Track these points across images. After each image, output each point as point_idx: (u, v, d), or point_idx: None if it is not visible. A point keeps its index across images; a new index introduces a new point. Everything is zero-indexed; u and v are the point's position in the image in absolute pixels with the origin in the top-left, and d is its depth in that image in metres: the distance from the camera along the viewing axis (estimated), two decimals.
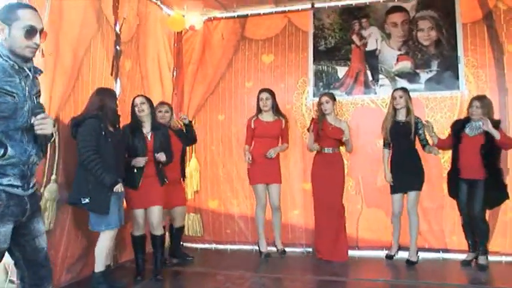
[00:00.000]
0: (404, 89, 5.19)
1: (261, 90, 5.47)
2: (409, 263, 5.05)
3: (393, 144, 5.15)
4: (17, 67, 2.36)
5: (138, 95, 4.67)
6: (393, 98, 5.14)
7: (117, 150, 4.00)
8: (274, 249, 5.53)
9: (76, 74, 4.34)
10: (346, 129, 5.26)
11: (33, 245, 2.49)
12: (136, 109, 4.49)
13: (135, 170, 4.34)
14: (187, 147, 5.59)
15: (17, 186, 2.35)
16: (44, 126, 2.35)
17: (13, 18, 2.33)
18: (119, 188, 3.88)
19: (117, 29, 5.01)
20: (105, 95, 4.03)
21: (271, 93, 5.45)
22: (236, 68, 6.24)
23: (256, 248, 5.61)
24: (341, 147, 5.38)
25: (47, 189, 3.98)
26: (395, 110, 5.13)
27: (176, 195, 5.08)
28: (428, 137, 5.06)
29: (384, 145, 5.26)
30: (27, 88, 2.39)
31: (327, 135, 5.22)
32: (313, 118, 5.48)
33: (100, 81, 4.67)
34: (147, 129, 4.52)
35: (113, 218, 3.94)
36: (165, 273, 4.70)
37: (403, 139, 5.04)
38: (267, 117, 5.43)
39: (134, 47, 5.41)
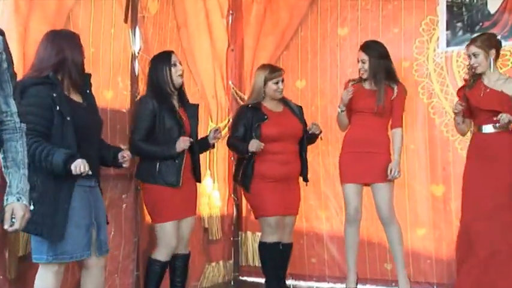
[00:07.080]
0: None
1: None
2: None
3: None
4: None
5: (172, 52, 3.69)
6: None
7: (86, 131, 2.80)
8: None
9: (63, 22, 3.49)
10: None
11: None
12: (173, 71, 3.49)
13: (176, 160, 3.41)
14: None
15: None
16: None
17: None
18: (80, 166, 2.55)
19: None
20: (62, 41, 2.85)
21: (370, 51, 3.89)
22: (323, 7, 4.63)
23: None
24: None
25: None
26: None
27: (293, 197, 3.87)
28: None
29: None
30: None
31: (477, 106, 3.55)
32: (465, 79, 3.81)
33: (107, 31, 3.78)
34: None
35: (70, 241, 2.66)
36: None
37: None
38: (369, 83, 4.01)
39: None
